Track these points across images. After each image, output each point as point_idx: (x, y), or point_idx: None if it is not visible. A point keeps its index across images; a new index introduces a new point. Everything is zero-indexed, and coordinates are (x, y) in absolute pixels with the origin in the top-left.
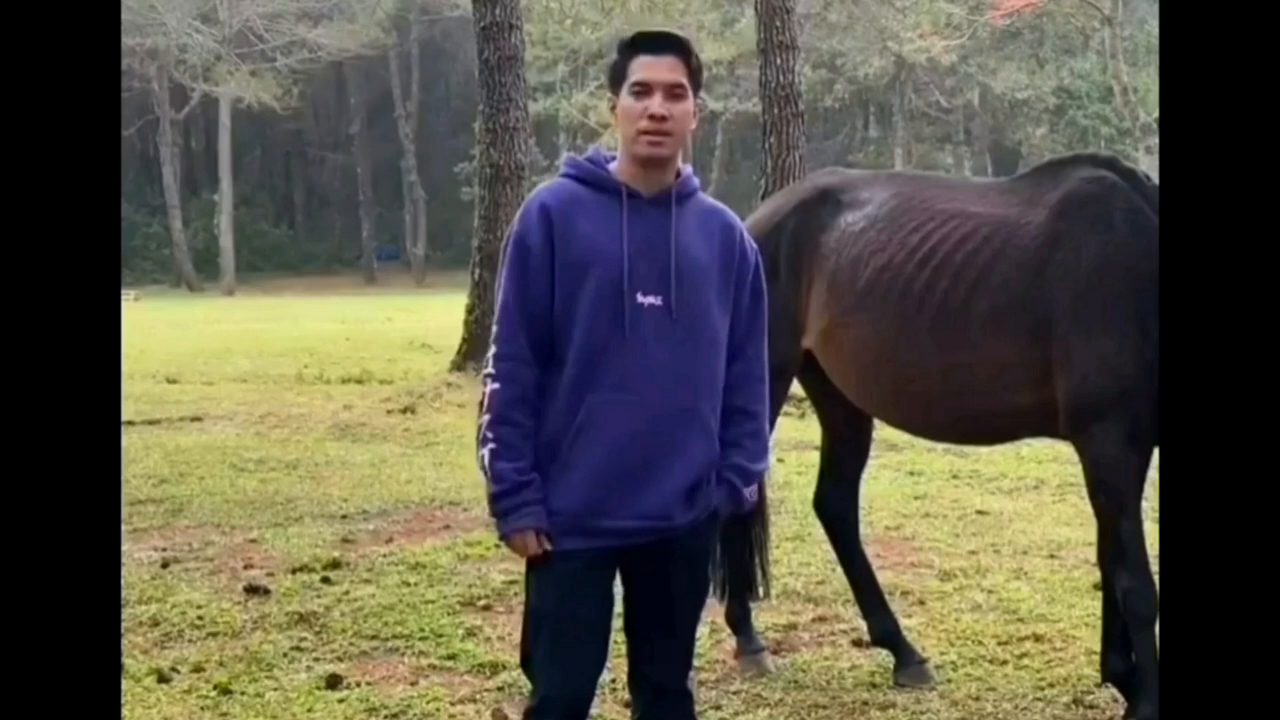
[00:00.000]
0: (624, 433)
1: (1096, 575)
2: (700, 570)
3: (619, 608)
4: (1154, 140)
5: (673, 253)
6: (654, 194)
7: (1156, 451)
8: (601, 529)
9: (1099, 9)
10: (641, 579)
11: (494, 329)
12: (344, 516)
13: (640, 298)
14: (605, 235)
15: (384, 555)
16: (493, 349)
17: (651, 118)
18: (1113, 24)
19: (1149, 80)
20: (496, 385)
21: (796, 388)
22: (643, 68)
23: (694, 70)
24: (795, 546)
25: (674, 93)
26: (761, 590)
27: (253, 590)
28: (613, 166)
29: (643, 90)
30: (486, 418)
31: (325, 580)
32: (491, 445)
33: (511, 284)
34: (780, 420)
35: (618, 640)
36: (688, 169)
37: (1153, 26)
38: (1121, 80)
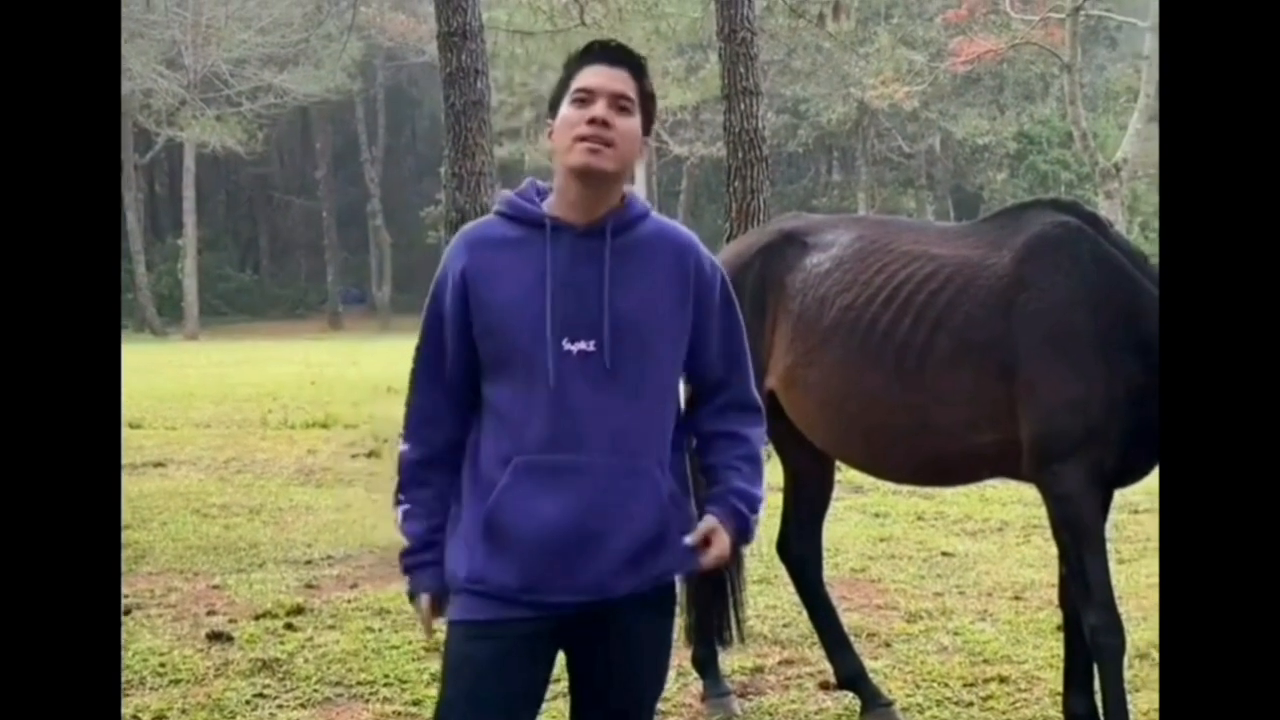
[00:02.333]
0: (559, 498)
1: (1060, 616)
2: (657, 651)
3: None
4: (1113, 185)
5: (605, 292)
6: (587, 225)
7: (1146, 482)
8: (531, 603)
9: (1058, 56)
10: (583, 660)
11: (410, 380)
12: (308, 562)
13: (567, 344)
14: (527, 277)
15: (348, 601)
16: (409, 405)
17: (592, 122)
18: (1071, 71)
19: (1108, 126)
20: (407, 447)
21: None
22: (589, 75)
23: (645, 94)
24: (761, 589)
25: (620, 104)
26: (733, 635)
27: (215, 637)
28: (549, 199)
29: (586, 98)
30: (397, 481)
31: (289, 626)
32: (405, 508)
33: (425, 336)
34: None
35: None
36: (632, 191)
37: (1111, 73)
38: (1080, 126)
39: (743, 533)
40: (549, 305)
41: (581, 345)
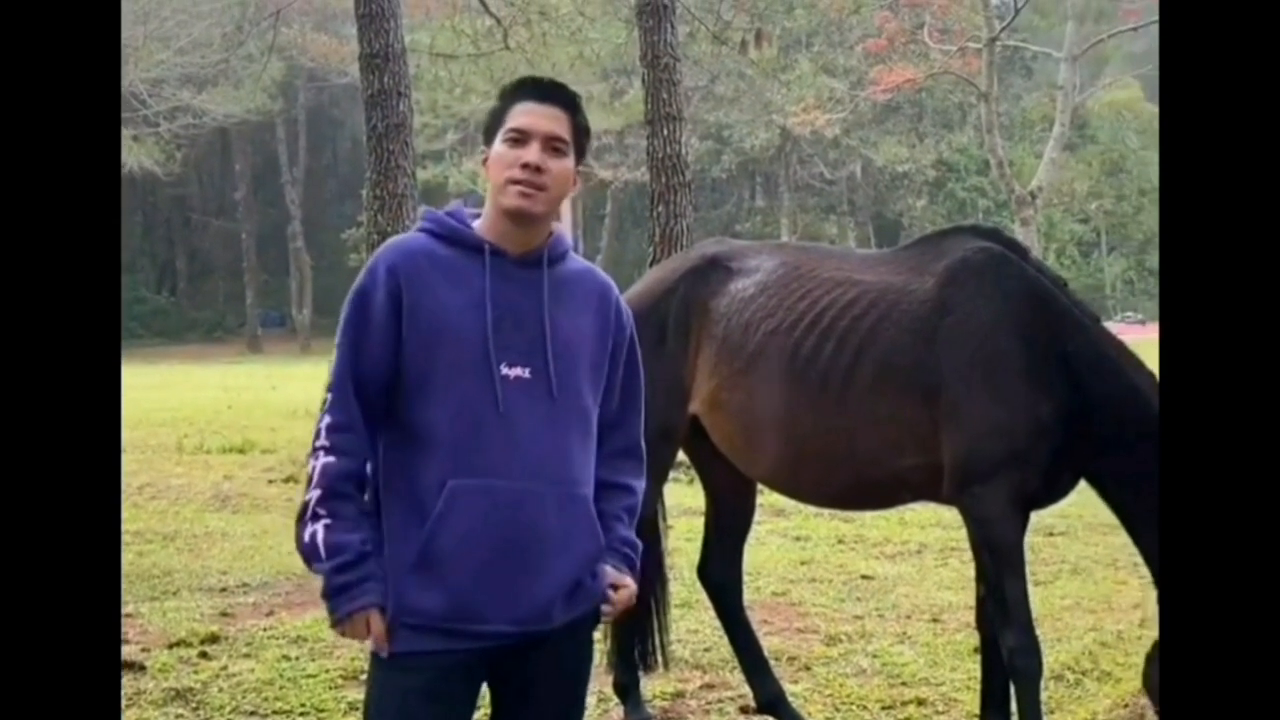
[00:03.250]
0: (497, 525)
1: (978, 638)
2: (582, 673)
3: None
4: (1029, 212)
5: (546, 320)
6: (522, 254)
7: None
8: (467, 632)
9: (975, 85)
10: (508, 689)
11: (325, 396)
12: (223, 589)
13: (505, 370)
14: (464, 299)
15: (264, 629)
16: (325, 419)
17: (525, 167)
18: (989, 100)
19: (1024, 154)
20: (330, 459)
21: (683, 455)
22: (523, 114)
23: (579, 129)
24: (683, 613)
25: (553, 146)
26: (656, 660)
27: (128, 666)
28: (477, 224)
29: (519, 138)
30: (316, 493)
31: (203, 655)
32: (325, 521)
33: (346, 346)
34: (669, 486)
35: None
36: (559, 228)
37: (1027, 102)
38: (997, 154)
39: (633, 579)
40: (490, 329)
41: (518, 371)
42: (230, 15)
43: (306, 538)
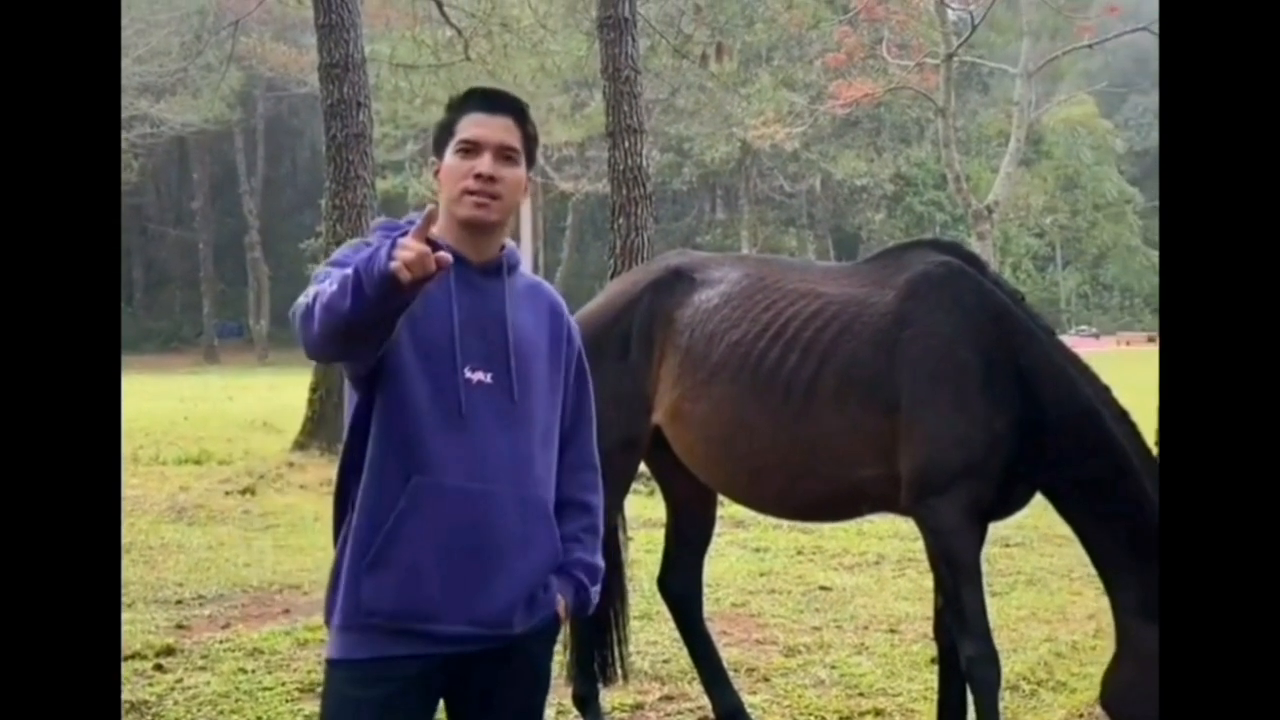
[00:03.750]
0: (458, 525)
1: (935, 649)
2: (541, 687)
3: None
4: (985, 226)
5: (509, 326)
6: (483, 263)
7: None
8: (427, 634)
9: (933, 100)
10: (467, 701)
11: (310, 290)
12: (179, 602)
13: (469, 374)
14: (429, 303)
15: (220, 641)
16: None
17: (479, 177)
18: (946, 115)
19: (980, 168)
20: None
21: (644, 466)
22: (473, 125)
23: (528, 137)
24: (643, 625)
25: (505, 155)
26: (616, 672)
27: None
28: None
29: (471, 149)
30: (328, 293)
31: (158, 668)
32: (338, 281)
33: (352, 251)
34: (629, 497)
35: None
36: (511, 243)
37: (983, 117)
38: (954, 169)
39: (583, 604)
40: (457, 334)
41: (480, 375)
42: (189, 24)
43: (325, 298)
